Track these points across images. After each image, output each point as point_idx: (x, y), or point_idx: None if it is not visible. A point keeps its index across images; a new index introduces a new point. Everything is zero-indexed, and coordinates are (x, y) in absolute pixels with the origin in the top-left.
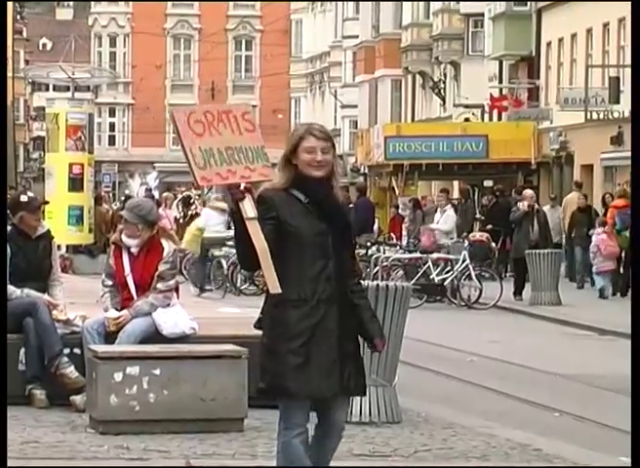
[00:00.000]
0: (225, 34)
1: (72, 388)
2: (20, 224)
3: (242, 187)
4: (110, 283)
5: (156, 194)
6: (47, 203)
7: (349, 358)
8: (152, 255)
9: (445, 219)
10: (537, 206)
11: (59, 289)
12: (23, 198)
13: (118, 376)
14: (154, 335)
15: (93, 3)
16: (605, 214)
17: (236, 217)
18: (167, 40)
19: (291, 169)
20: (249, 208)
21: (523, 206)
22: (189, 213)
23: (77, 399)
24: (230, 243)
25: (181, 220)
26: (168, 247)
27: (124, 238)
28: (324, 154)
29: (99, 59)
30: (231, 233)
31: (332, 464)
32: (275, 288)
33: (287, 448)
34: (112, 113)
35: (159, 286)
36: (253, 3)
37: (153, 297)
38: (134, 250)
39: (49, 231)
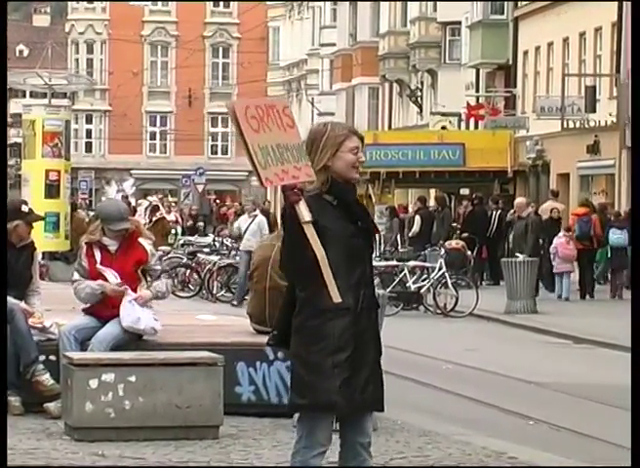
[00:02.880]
0: (203, 41)
1: (47, 395)
2: (11, 232)
3: (297, 188)
4: (83, 280)
5: (132, 201)
6: (44, 219)
7: (379, 369)
8: (131, 252)
9: None
10: (524, 213)
11: (36, 298)
12: (24, 208)
13: (93, 383)
14: (126, 342)
15: (70, 9)
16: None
17: (290, 221)
18: (144, 47)
19: (324, 172)
20: (305, 211)
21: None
22: (154, 218)
23: (51, 406)
24: (207, 250)
25: (146, 225)
26: (148, 245)
27: (105, 239)
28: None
29: (76, 66)
30: (208, 240)
31: None
32: (337, 297)
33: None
34: (89, 120)
35: (152, 273)
36: (230, 10)
37: (165, 282)
38: (112, 248)
39: (32, 242)
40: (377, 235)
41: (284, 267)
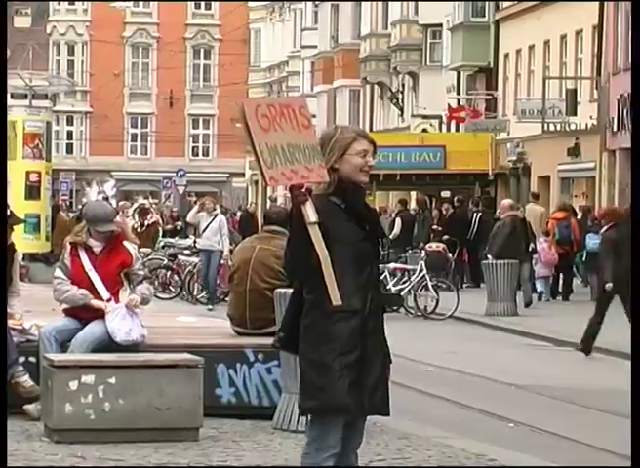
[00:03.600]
0: (184, 43)
1: (27, 397)
2: None
3: (305, 189)
4: (66, 278)
5: (113, 202)
6: (24, 222)
7: (387, 372)
8: (115, 255)
9: None
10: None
11: (16, 299)
12: (7, 212)
13: (73, 385)
14: (106, 344)
15: (51, 11)
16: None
17: (295, 222)
18: (125, 48)
19: (331, 174)
20: (311, 212)
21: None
22: (146, 222)
23: (30, 407)
24: (187, 251)
25: (139, 229)
26: (133, 248)
27: (91, 240)
28: (372, 159)
29: (57, 67)
30: (188, 242)
31: None
32: (337, 300)
33: None
34: (70, 121)
35: (135, 278)
36: (211, 12)
37: (147, 287)
38: (97, 249)
39: (12, 244)
40: (383, 239)
41: (288, 268)
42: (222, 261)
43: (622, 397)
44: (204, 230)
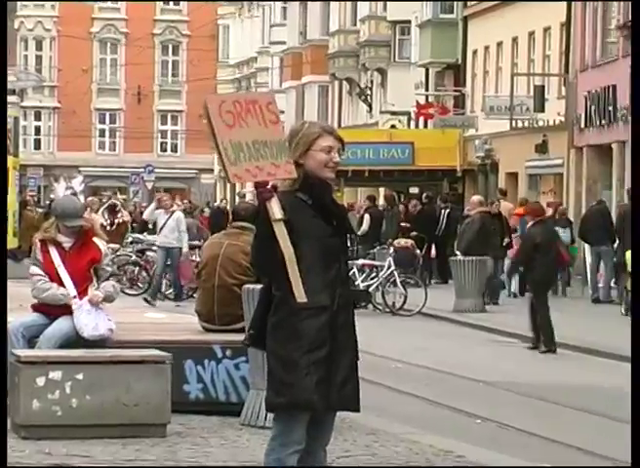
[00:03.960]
0: (152, 39)
1: None
2: None
3: (270, 185)
4: (44, 275)
5: (82, 198)
6: None
7: (356, 369)
8: (85, 251)
9: None
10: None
11: None
12: None
13: (41, 381)
14: (74, 339)
15: (19, 6)
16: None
17: (261, 219)
18: (93, 44)
19: (298, 170)
20: (276, 208)
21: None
22: (116, 220)
23: None
24: (155, 248)
25: (108, 228)
26: (103, 245)
27: (60, 236)
28: (338, 155)
29: (25, 63)
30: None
31: None
32: (301, 297)
33: (280, 466)
34: (38, 117)
35: (102, 274)
36: (180, 8)
37: (112, 284)
38: (67, 245)
39: None
40: (351, 235)
41: (254, 264)
42: (182, 258)
43: (589, 393)
44: (162, 228)
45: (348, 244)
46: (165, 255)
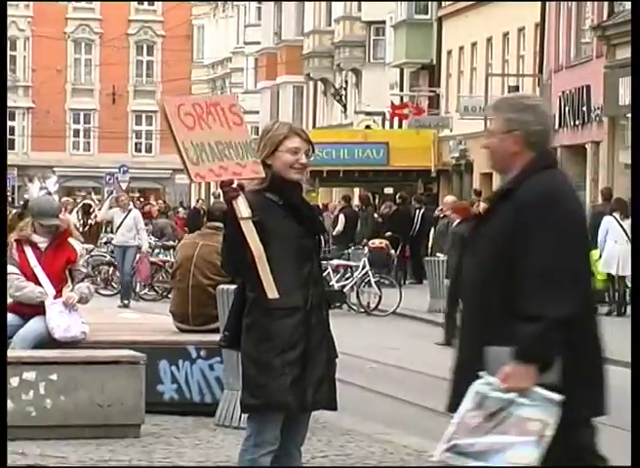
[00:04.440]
0: (127, 39)
1: None
2: None
3: (235, 185)
4: (18, 272)
5: (56, 198)
6: None
7: (332, 367)
8: (60, 251)
9: None
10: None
11: None
12: None
13: (14, 381)
14: (48, 340)
15: None
16: None
17: (229, 218)
18: (68, 44)
19: (266, 170)
20: (243, 207)
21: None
22: (89, 222)
23: None
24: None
25: (81, 229)
26: (78, 245)
27: (35, 236)
28: (306, 157)
29: None
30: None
31: None
32: (273, 293)
33: (254, 466)
34: (12, 117)
35: (77, 275)
36: (154, 8)
37: (87, 286)
38: (42, 245)
39: None
40: (324, 234)
41: (225, 264)
42: (139, 255)
43: None
44: (118, 226)
45: (322, 244)
46: (122, 254)
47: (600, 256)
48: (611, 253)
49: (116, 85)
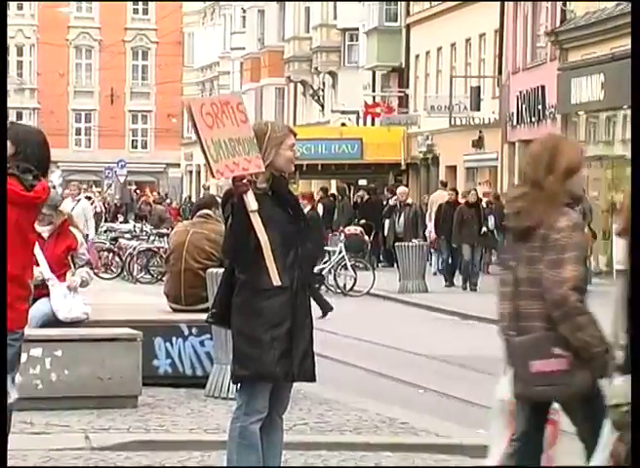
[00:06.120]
0: (124, 45)
1: None
2: None
3: (245, 180)
4: None
5: (60, 190)
6: None
7: (312, 343)
8: (62, 239)
9: None
10: (409, 200)
11: None
12: None
13: (22, 357)
14: (53, 320)
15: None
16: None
17: (237, 210)
18: (70, 50)
19: (267, 168)
20: (252, 200)
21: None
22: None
23: None
24: (127, 235)
25: None
26: (79, 234)
27: (39, 226)
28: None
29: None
30: (129, 226)
31: (215, 438)
32: (276, 280)
33: (244, 432)
34: (19, 117)
35: (78, 261)
36: (149, 17)
37: (86, 270)
38: (45, 234)
39: None
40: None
41: (227, 252)
42: (87, 243)
43: None
44: None
45: (306, 227)
46: None
47: None
48: None
49: (114, 87)
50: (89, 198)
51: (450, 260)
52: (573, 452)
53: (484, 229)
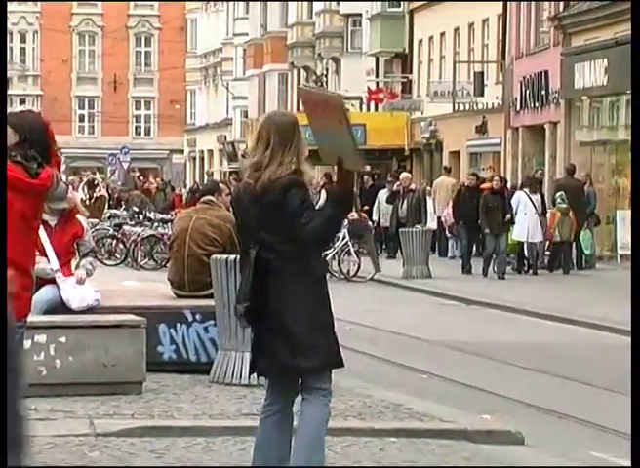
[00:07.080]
0: (127, 31)
1: None
2: None
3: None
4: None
5: (63, 177)
6: None
7: None
8: (69, 227)
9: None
10: (412, 186)
11: None
12: None
13: (27, 344)
14: (58, 306)
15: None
16: None
17: (342, 204)
18: (73, 36)
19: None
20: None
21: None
22: (94, 195)
23: None
24: (131, 222)
25: (87, 202)
26: (85, 221)
27: (46, 215)
28: None
29: (10, 54)
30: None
31: (221, 424)
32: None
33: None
34: (23, 103)
35: (83, 249)
36: (151, 3)
37: (90, 261)
38: (52, 223)
39: None
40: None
41: (326, 242)
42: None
43: (523, 350)
44: None
45: None
46: None
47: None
48: (521, 223)
49: (117, 73)
50: (94, 183)
51: (468, 246)
52: None
53: (508, 216)
